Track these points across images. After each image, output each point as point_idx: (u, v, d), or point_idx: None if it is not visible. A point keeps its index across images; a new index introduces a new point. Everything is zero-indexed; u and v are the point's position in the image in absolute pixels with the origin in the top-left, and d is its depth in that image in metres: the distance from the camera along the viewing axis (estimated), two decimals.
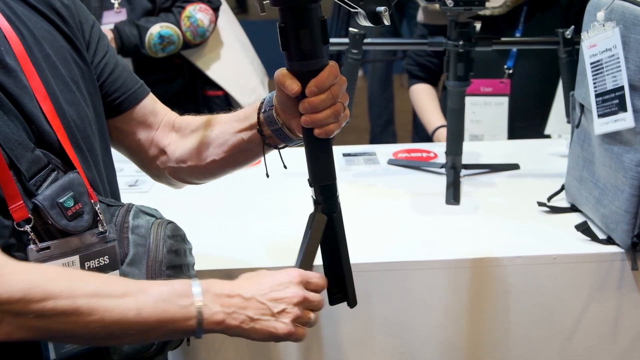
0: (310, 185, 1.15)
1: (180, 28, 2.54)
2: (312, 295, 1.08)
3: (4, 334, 0.93)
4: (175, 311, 0.99)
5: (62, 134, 1.09)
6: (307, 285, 1.08)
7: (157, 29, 2.50)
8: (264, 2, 1.04)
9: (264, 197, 1.65)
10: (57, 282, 0.94)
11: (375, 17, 1.08)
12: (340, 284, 1.19)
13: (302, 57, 1.05)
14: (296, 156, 1.25)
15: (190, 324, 0.99)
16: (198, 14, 2.57)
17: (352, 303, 1.21)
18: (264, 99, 1.21)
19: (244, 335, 1.04)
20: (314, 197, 1.16)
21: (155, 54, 2.54)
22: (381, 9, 1.05)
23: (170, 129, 1.33)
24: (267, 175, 1.24)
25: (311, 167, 1.14)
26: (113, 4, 2.52)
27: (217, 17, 2.65)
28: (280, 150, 1.23)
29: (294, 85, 1.06)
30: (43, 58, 1.11)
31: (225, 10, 2.81)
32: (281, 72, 1.08)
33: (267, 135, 1.21)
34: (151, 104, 1.32)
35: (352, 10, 1.09)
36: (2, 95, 1.03)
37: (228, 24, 2.82)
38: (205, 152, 1.27)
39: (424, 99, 2.59)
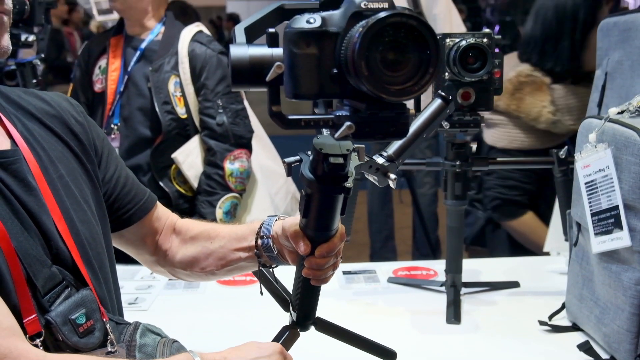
0: (293, 309, 1.22)
1: (229, 188, 2.56)
2: None
3: None
4: None
5: (75, 252, 1.13)
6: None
7: (220, 212, 2.54)
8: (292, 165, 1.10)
9: (263, 316, 1.64)
10: None
11: (384, 181, 1.14)
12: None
13: (319, 229, 1.12)
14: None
15: None
16: (235, 164, 2.57)
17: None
18: (262, 224, 1.29)
19: None
20: (294, 319, 1.23)
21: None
22: (393, 177, 1.09)
23: (172, 231, 1.41)
24: (261, 293, 1.30)
25: (299, 302, 1.21)
26: (113, 128, 2.53)
27: (251, 149, 2.64)
28: (274, 269, 1.32)
29: (305, 248, 1.14)
30: (58, 178, 1.16)
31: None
32: (295, 230, 1.15)
33: (263, 258, 1.29)
34: (156, 211, 1.40)
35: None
36: (23, 212, 1.08)
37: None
38: (204, 262, 1.36)
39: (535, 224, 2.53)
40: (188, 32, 2.57)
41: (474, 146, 1.80)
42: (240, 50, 0.88)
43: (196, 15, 3.67)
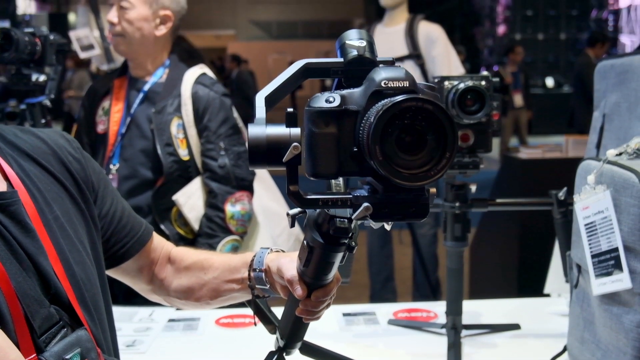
0: (282, 338, 1.24)
1: (230, 231, 2.53)
2: None
3: None
4: None
5: (71, 293, 1.13)
6: None
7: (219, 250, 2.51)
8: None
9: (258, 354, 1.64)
10: None
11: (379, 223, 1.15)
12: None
13: (318, 278, 1.13)
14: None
15: None
16: (237, 207, 2.55)
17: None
18: (254, 256, 1.31)
19: None
20: (280, 345, 1.24)
21: None
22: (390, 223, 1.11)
23: (167, 261, 1.43)
24: (255, 324, 1.33)
25: (289, 333, 1.23)
26: (111, 169, 2.52)
27: (252, 191, 2.62)
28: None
29: (302, 293, 1.15)
30: (53, 219, 1.17)
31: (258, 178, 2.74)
32: (293, 275, 1.17)
33: (256, 290, 1.32)
34: (152, 243, 1.41)
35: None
36: (22, 253, 1.09)
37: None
38: (199, 292, 1.39)
39: None
40: (191, 75, 2.59)
41: (474, 187, 1.81)
42: (258, 130, 0.87)
43: (201, 58, 3.69)
